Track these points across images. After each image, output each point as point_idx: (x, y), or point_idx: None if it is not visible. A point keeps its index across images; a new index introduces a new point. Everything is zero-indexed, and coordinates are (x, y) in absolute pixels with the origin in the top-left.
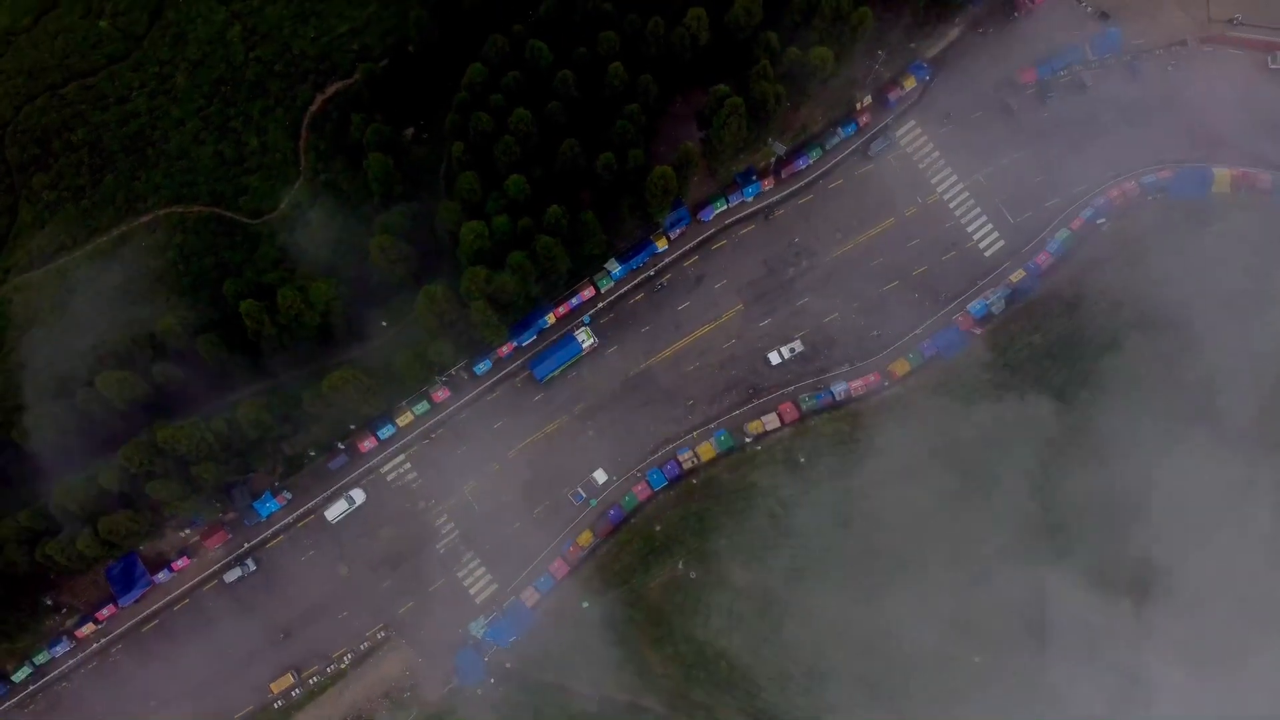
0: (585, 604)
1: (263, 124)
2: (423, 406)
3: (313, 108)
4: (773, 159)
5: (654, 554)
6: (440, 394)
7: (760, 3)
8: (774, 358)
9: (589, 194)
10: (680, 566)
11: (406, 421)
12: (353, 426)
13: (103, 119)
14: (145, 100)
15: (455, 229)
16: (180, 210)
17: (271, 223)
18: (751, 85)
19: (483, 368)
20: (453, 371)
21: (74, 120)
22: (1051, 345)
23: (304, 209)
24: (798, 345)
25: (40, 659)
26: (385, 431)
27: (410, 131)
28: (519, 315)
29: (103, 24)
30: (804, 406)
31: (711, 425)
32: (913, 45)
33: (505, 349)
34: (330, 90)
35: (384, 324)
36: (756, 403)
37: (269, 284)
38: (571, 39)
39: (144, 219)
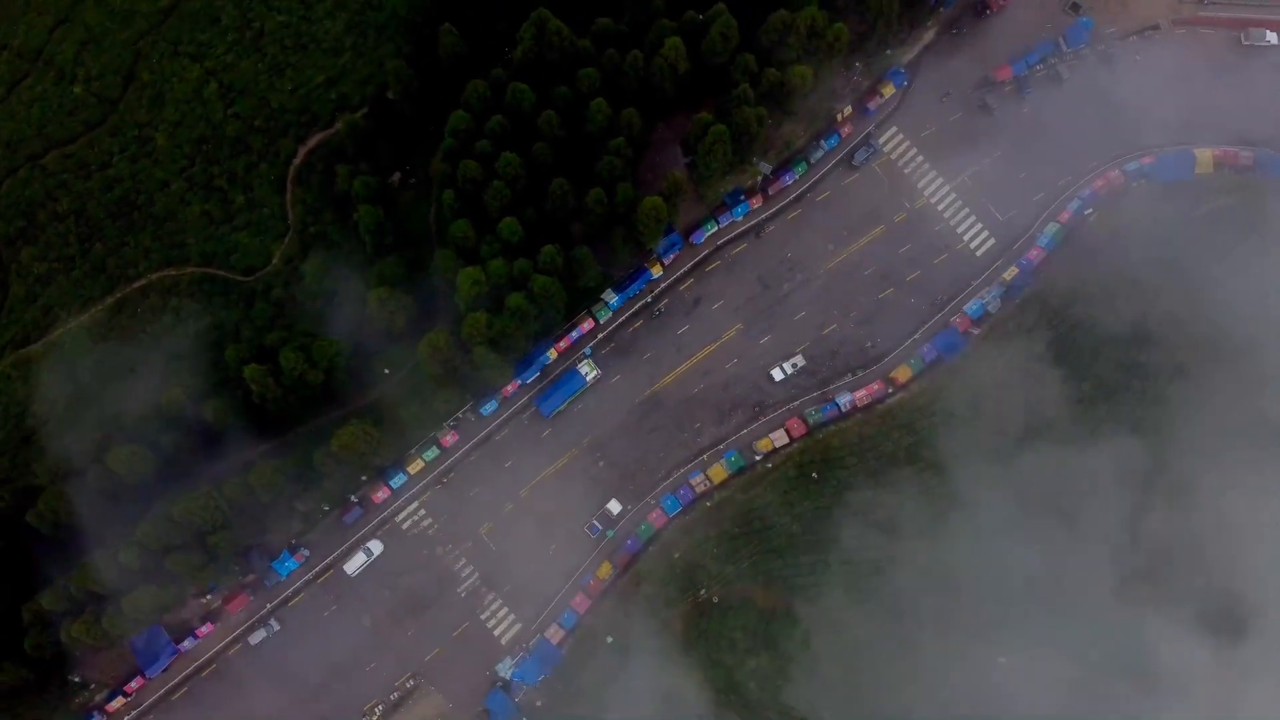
0: (610, 639)
1: (247, 180)
2: (432, 452)
3: (296, 161)
4: (759, 178)
5: (675, 581)
6: (449, 438)
7: (735, 28)
8: (777, 374)
9: (580, 226)
10: (702, 592)
11: (417, 469)
12: (364, 478)
13: (86, 186)
14: (127, 164)
15: (452, 276)
16: (173, 273)
17: (265, 279)
18: (734, 112)
19: (489, 408)
20: (459, 414)
21: (58, 190)
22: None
23: (296, 263)
24: (799, 360)
25: None
26: (397, 480)
27: (396, 177)
28: (521, 353)
29: (77, 90)
30: (811, 420)
31: (721, 446)
32: (888, 52)
33: (510, 388)
34: (312, 142)
35: (386, 371)
36: (763, 420)
37: (270, 346)
38: (551, 78)
39: (137, 285)
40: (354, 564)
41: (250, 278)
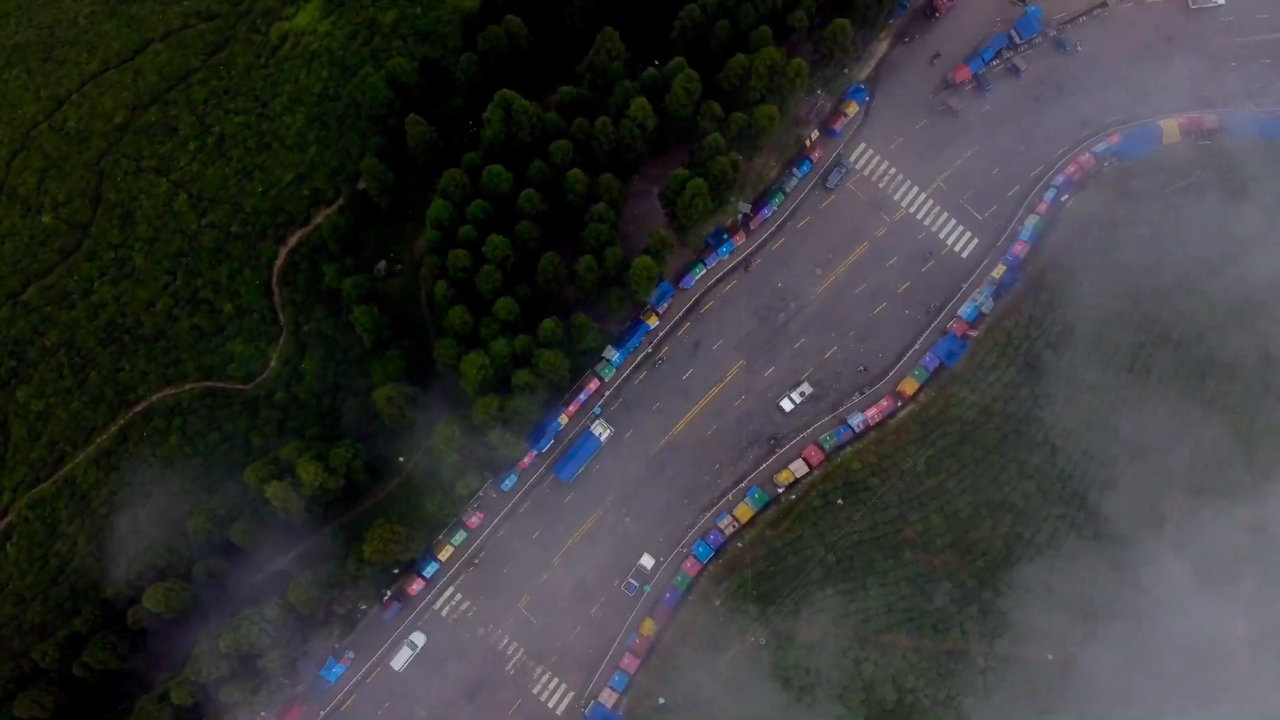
0: (662, 700)
1: (233, 288)
2: (460, 536)
3: (279, 262)
4: (740, 216)
5: (719, 628)
6: (474, 520)
7: (697, 79)
8: (786, 404)
9: (573, 291)
10: (749, 638)
11: (448, 554)
12: (396, 571)
13: (72, 316)
14: (109, 288)
15: (454, 362)
16: (172, 392)
17: (265, 384)
18: (708, 162)
19: (509, 483)
20: (480, 493)
21: (43, 325)
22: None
23: (294, 363)
24: (806, 388)
25: None
26: (429, 570)
27: (381, 265)
28: (533, 425)
29: (45, 219)
30: (826, 446)
31: (743, 485)
32: (846, 70)
33: (526, 460)
34: (292, 241)
35: (401, 459)
36: (780, 453)
37: (287, 460)
38: (524, 155)
39: (139, 409)
40: (400, 659)
41: (251, 385)
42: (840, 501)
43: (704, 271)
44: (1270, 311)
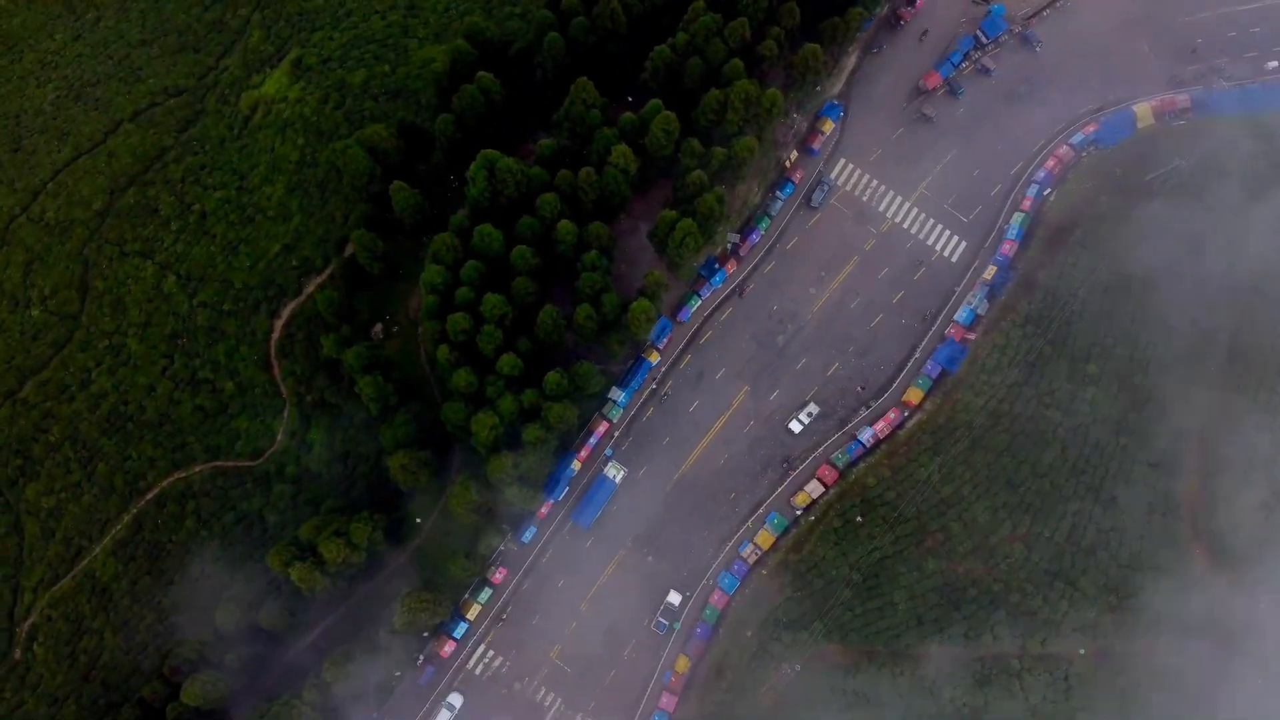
0: None
1: (231, 366)
2: (485, 594)
3: (274, 335)
4: (729, 245)
5: (754, 660)
6: (498, 576)
7: (675, 120)
8: (795, 426)
9: (573, 337)
10: (784, 666)
11: (476, 613)
12: (426, 634)
13: (73, 409)
14: (107, 377)
15: (463, 423)
16: (182, 476)
17: (274, 458)
18: (695, 201)
19: (529, 535)
20: (501, 548)
21: (45, 420)
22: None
23: (301, 434)
24: (813, 408)
25: None
26: (459, 630)
27: (378, 328)
28: (546, 474)
29: (34, 312)
30: (840, 464)
31: (760, 511)
32: (818, 89)
33: (543, 510)
34: (286, 313)
35: (418, 520)
36: (794, 475)
37: (307, 540)
38: (512, 211)
39: (150, 496)
40: None
41: (260, 461)
42: (859, 519)
43: (699, 303)
44: (1264, 291)
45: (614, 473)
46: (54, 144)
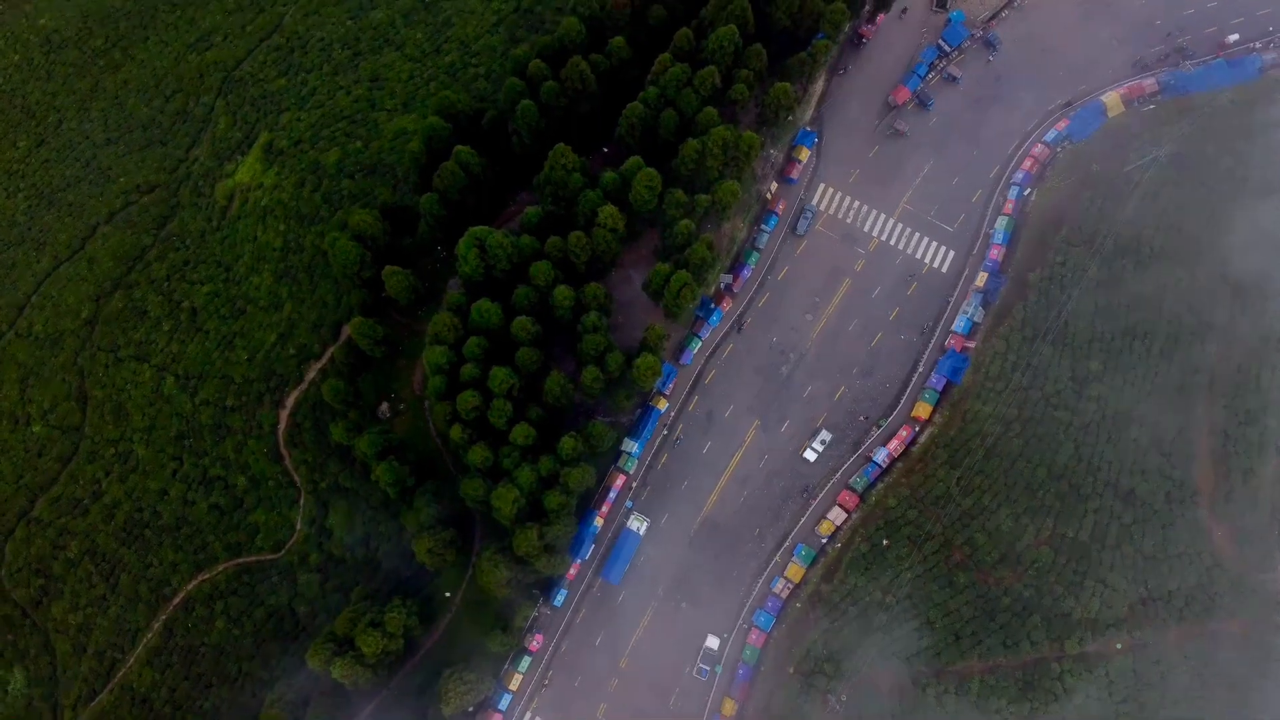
0: None
1: (241, 461)
2: (525, 662)
3: (281, 426)
4: (722, 285)
5: (800, 695)
6: (535, 643)
7: (658, 176)
8: (810, 455)
9: (580, 396)
10: (830, 698)
11: (517, 682)
12: (471, 709)
13: (88, 523)
14: (118, 486)
15: (483, 498)
16: (207, 577)
17: (296, 548)
18: (688, 255)
19: (560, 599)
20: (535, 614)
21: (62, 537)
22: (1043, 332)
23: (320, 521)
24: (825, 434)
25: None
26: (504, 702)
27: (384, 407)
28: (571, 537)
29: (36, 429)
30: (858, 487)
31: (787, 544)
32: (790, 118)
33: (572, 571)
34: (290, 402)
35: (448, 594)
36: (815, 504)
37: (343, 634)
38: (508, 281)
39: (177, 601)
40: None
41: (282, 553)
42: (885, 542)
43: (699, 344)
44: (1254, 270)
45: (637, 525)
46: (32, 255)
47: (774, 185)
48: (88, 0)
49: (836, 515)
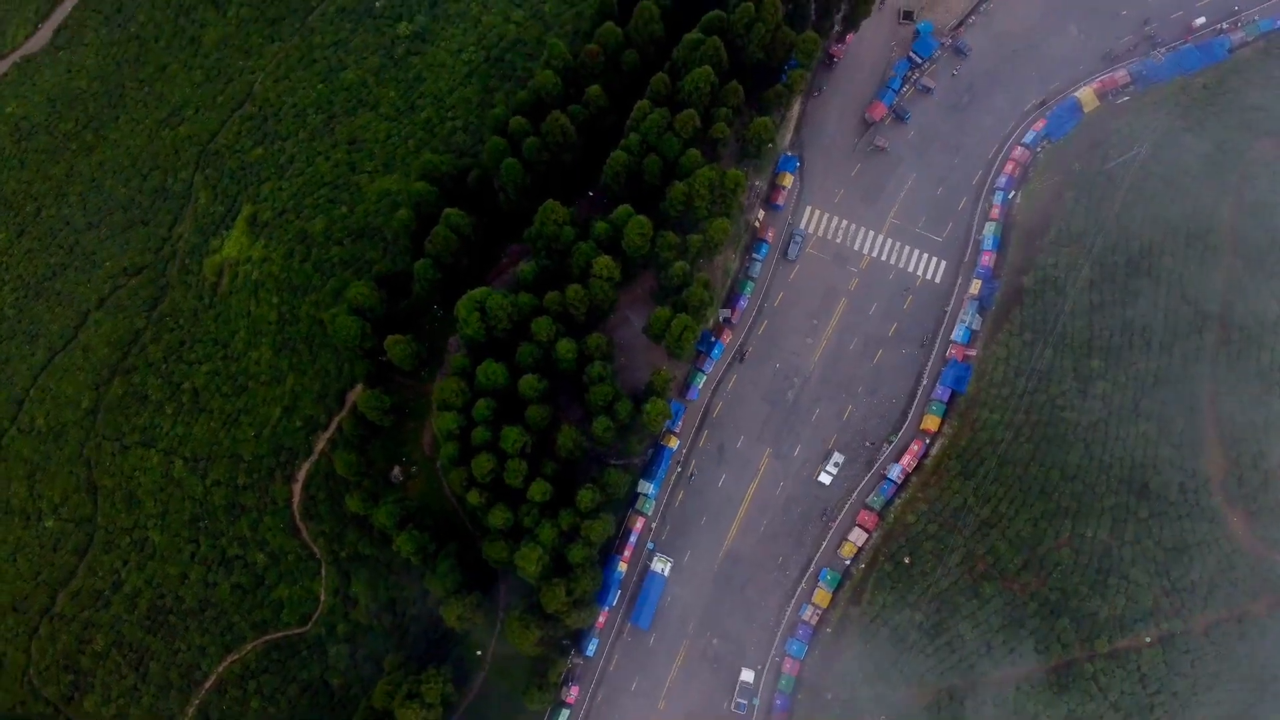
0: None
1: (259, 538)
2: (564, 715)
3: (295, 499)
4: (721, 319)
5: (840, 719)
6: (571, 695)
7: (649, 223)
8: (825, 478)
9: (591, 445)
10: (866, 719)
11: None
12: None
13: (112, 615)
14: (137, 575)
15: (506, 559)
16: (236, 658)
17: (323, 620)
18: (686, 297)
19: (592, 648)
20: (569, 666)
21: (86, 631)
22: (1042, 334)
23: (344, 590)
24: (838, 456)
25: None
26: None
27: (397, 472)
28: (597, 589)
29: (49, 524)
30: (876, 506)
31: (811, 569)
32: (769, 145)
33: (601, 620)
34: (302, 475)
35: (479, 653)
36: (835, 526)
37: (382, 708)
38: (509, 339)
39: (208, 685)
40: None
41: (309, 626)
42: (907, 560)
43: (704, 378)
44: (1243, 253)
45: (661, 566)
46: (25, 348)
47: (761, 213)
48: (52, 85)
49: (858, 536)
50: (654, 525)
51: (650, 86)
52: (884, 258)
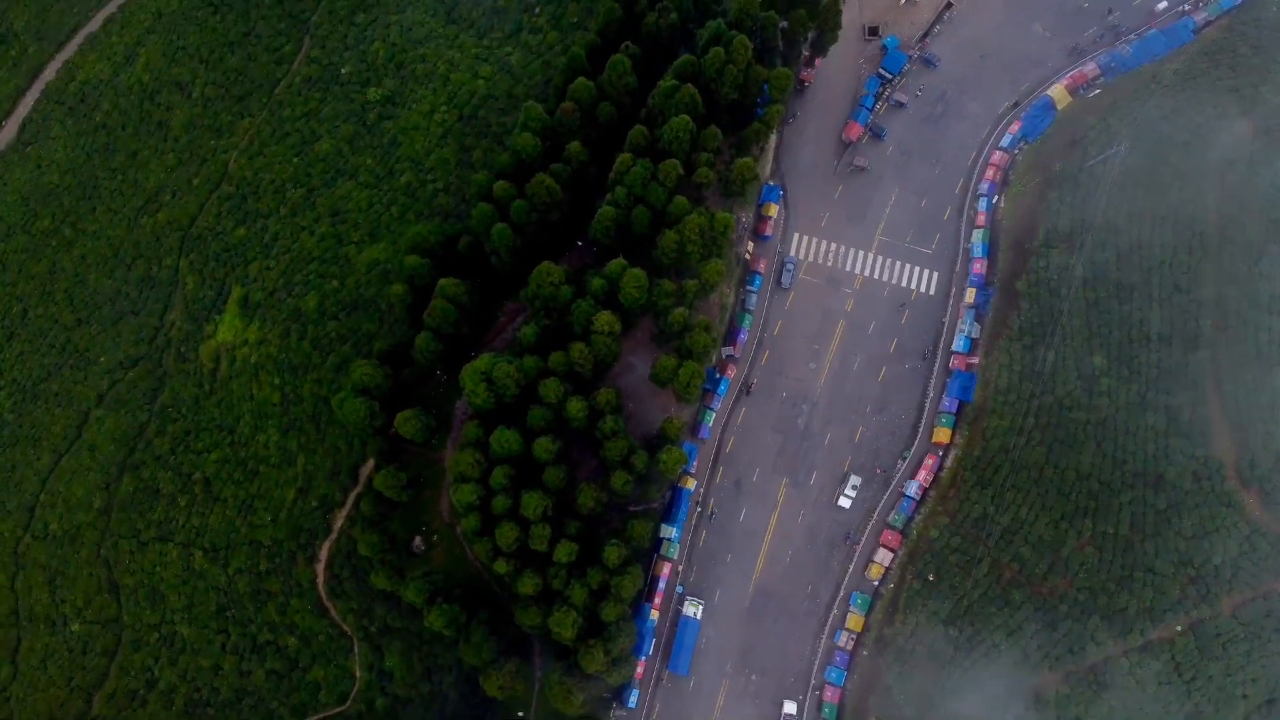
0: None
1: (288, 621)
2: None
3: (320, 579)
4: (724, 354)
5: None
6: None
7: (644, 275)
8: (844, 502)
9: (608, 496)
10: None
11: None
12: None
13: (149, 713)
14: (170, 670)
15: (539, 624)
16: None
17: (360, 696)
18: (690, 343)
19: (633, 700)
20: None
21: None
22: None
23: (378, 665)
24: (855, 479)
25: None
26: None
27: (418, 541)
28: (633, 643)
29: (75, 628)
30: (898, 524)
31: (841, 594)
32: (754, 182)
33: (639, 670)
34: (324, 555)
35: (520, 715)
36: (860, 549)
37: None
38: (519, 405)
39: None
40: None
41: (348, 704)
42: (932, 577)
43: (713, 416)
44: (1230, 238)
45: (693, 610)
46: (30, 453)
47: (750, 245)
48: (24, 182)
49: (883, 557)
50: (680, 568)
51: (629, 139)
52: (876, 276)
